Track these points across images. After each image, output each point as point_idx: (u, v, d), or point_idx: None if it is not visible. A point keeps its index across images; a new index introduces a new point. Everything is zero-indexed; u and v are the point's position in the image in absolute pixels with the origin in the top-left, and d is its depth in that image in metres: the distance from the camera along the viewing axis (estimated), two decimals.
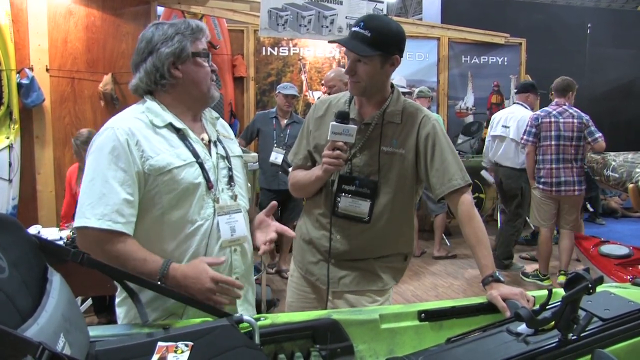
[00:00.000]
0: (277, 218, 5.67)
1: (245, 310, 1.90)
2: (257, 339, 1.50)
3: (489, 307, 1.84)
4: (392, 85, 2.28)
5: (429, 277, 5.93)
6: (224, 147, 1.94)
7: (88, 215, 1.64)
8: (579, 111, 5.45)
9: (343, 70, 5.43)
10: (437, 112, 7.67)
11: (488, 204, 8.17)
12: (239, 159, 2.01)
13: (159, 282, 1.63)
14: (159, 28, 1.82)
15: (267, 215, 2.00)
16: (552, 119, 5.42)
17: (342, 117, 2.08)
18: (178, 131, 1.80)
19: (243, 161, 2.06)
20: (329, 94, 5.29)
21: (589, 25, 9.13)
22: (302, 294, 2.42)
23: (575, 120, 5.37)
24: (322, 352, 1.62)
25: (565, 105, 5.47)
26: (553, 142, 5.41)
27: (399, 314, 1.76)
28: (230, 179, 1.90)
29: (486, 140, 6.38)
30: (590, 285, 1.46)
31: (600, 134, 5.30)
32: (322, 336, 1.64)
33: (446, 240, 7.08)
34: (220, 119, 2.09)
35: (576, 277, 1.50)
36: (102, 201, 1.64)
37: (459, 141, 7.46)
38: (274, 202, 2.01)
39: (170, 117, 1.80)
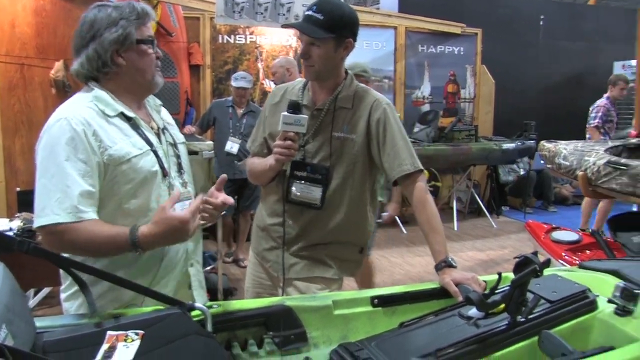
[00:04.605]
0: (234, 207, 5.66)
1: (199, 296, 1.92)
2: (209, 327, 1.49)
3: (442, 292, 1.86)
4: (346, 71, 2.28)
5: (385, 264, 5.99)
6: (171, 135, 1.92)
7: (57, 212, 1.58)
8: (600, 101, 6.66)
9: (290, 58, 5.44)
10: (394, 101, 7.72)
11: (444, 192, 8.29)
12: (184, 146, 1.99)
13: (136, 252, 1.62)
14: (101, 10, 1.75)
15: (217, 189, 1.95)
16: None
17: (294, 108, 2.08)
18: (129, 120, 1.76)
19: (187, 148, 2.04)
20: (274, 81, 5.33)
21: (541, 17, 9.29)
22: (258, 279, 2.43)
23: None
24: (275, 339, 1.61)
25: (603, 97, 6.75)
26: None
27: (352, 299, 1.76)
28: (179, 166, 1.89)
29: None
30: (538, 269, 1.49)
31: (591, 121, 6.57)
32: (275, 323, 1.63)
33: (402, 228, 7.16)
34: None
35: (525, 261, 1.53)
36: (67, 195, 1.59)
37: (416, 130, 7.53)
38: (224, 175, 1.97)
39: (120, 106, 1.75)
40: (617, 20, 9.90)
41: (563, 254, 3.92)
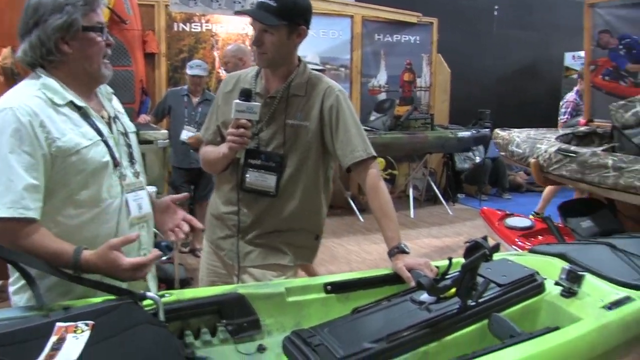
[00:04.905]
0: (190, 196, 5.60)
1: (152, 286, 1.90)
2: (161, 316, 1.48)
3: (395, 278, 1.88)
4: (300, 59, 2.28)
5: (342, 252, 6.01)
6: (122, 124, 1.88)
7: None
8: (569, 96, 6.81)
9: (242, 46, 5.35)
10: (350, 90, 7.74)
11: (401, 180, 8.36)
12: (135, 135, 1.95)
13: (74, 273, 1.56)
14: None
15: (173, 201, 1.94)
16: None
17: (246, 95, 2.07)
18: (79, 109, 1.71)
19: (140, 137, 2.00)
20: (227, 70, 5.24)
21: (496, 8, 9.43)
22: (213, 268, 2.42)
23: None
24: (229, 327, 1.61)
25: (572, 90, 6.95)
26: None
27: (305, 286, 1.77)
28: (131, 156, 1.85)
29: None
30: (487, 253, 1.52)
31: (561, 117, 6.70)
32: (228, 311, 1.63)
33: (359, 216, 7.21)
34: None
35: (475, 246, 1.55)
36: (9, 189, 1.53)
37: (372, 118, 7.56)
38: (187, 194, 2.01)
39: (70, 95, 1.69)
40: (567, 12, 10.10)
41: (516, 239, 4.00)
